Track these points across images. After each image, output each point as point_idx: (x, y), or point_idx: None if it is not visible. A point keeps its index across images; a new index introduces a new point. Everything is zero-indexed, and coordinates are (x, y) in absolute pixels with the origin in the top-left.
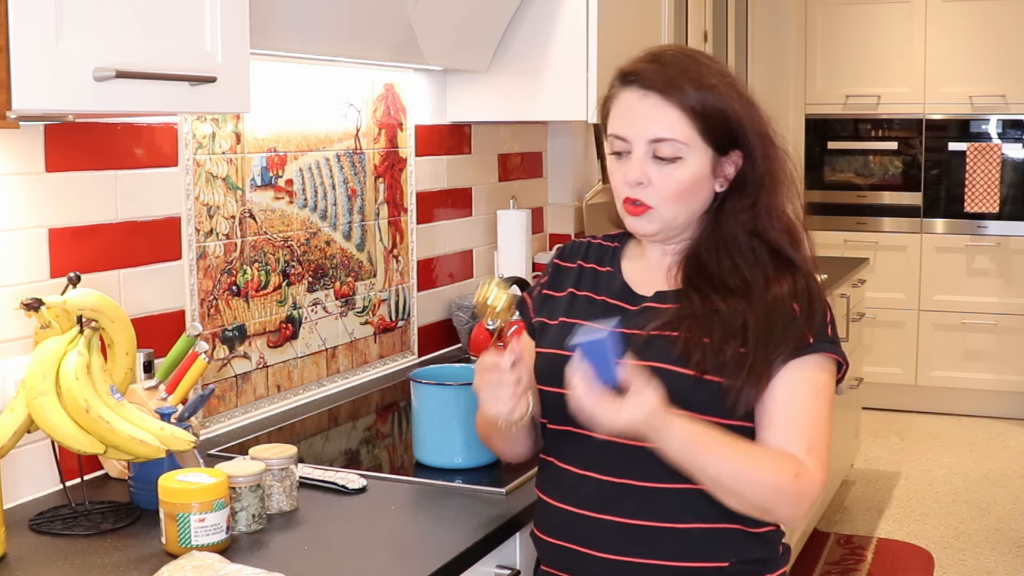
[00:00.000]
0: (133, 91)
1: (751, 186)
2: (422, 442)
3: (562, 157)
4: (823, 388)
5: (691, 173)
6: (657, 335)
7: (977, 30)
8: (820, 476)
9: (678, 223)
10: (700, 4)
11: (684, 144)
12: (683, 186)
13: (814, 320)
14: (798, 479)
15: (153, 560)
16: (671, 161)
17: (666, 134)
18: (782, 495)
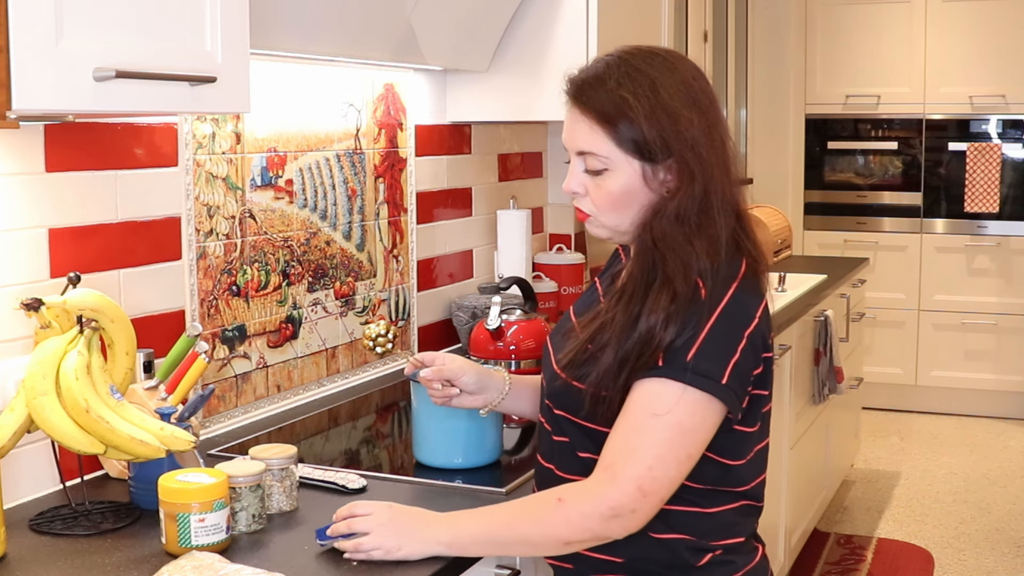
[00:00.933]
0: (133, 91)
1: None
2: (422, 442)
3: (562, 157)
4: (664, 415)
5: (620, 184)
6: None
7: (977, 30)
8: (605, 493)
9: (623, 228)
10: (700, 4)
11: (605, 157)
12: (612, 196)
13: (675, 342)
14: (562, 503)
15: (153, 560)
16: (598, 173)
17: (586, 147)
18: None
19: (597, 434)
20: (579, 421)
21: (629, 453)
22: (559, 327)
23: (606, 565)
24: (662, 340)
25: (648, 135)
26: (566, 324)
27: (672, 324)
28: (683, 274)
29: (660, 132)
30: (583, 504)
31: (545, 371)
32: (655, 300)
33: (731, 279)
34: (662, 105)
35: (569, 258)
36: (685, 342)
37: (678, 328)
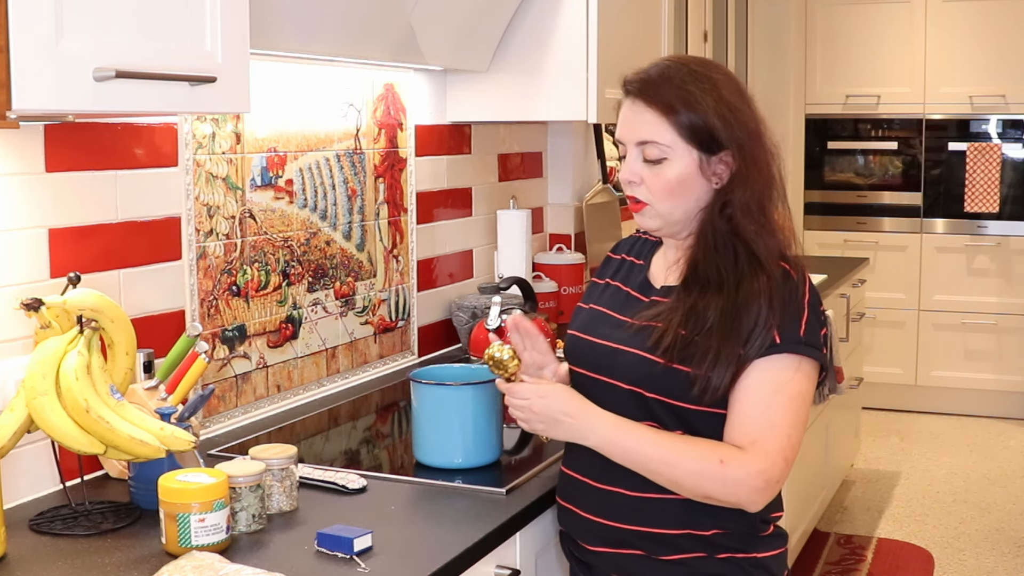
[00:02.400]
0: (133, 91)
1: (737, 185)
2: (422, 442)
3: (562, 157)
4: (785, 386)
5: (677, 172)
6: (644, 325)
7: (977, 30)
8: (760, 465)
9: (675, 218)
10: (700, 4)
11: (666, 146)
12: (670, 184)
13: (785, 320)
14: (723, 466)
15: (153, 560)
16: (657, 162)
17: (648, 137)
18: (709, 481)
19: (691, 414)
20: (677, 403)
21: (769, 427)
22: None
23: (688, 542)
24: (770, 321)
25: (713, 125)
26: (606, 321)
27: (775, 305)
28: (770, 259)
29: (724, 123)
30: (741, 471)
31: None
32: (751, 285)
33: (801, 263)
34: (724, 100)
35: (569, 258)
36: (793, 318)
37: (781, 306)
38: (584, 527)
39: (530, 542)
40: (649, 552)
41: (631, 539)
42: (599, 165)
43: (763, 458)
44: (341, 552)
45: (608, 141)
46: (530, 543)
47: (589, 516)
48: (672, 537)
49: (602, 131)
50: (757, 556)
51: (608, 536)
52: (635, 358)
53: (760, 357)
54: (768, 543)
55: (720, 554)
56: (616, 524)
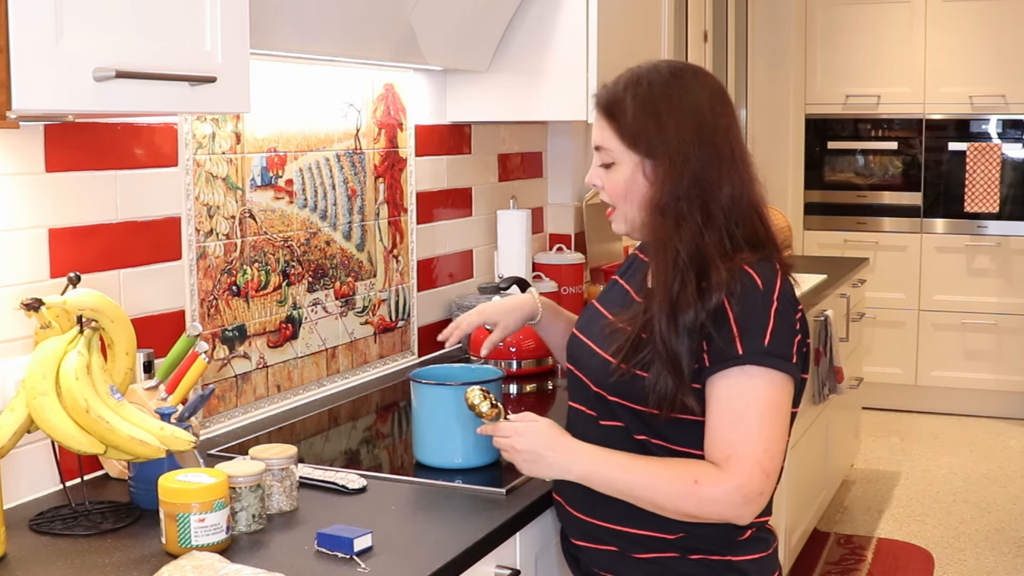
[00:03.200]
0: (133, 91)
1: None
2: (422, 442)
3: (562, 157)
4: (755, 399)
5: (623, 176)
6: (619, 327)
7: (977, 30)
8: (736, 480)
9: (637, 223)
10: (700, 4)
11: (609, 149)
12: (618, 188)
13: (746, 331)
14: (698, 485)
15: (153, 560)
16: (608, 167)
17: (597, 142)
18: (688, 501)
19: (653, 419)
20: (637, 407)
21: (743, 442)
22: (589, 321)
23: (656, 543)
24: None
25: (635, 130)
26: (598, 318)
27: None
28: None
29: (647, 129)
30: (716, 489)
31: (586, 362)
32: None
33: (774, 269)
34: (653, 105)
35: (569, 258)
36: (756, 328)
37: (742, 316)
38: (569, 521)
39: (530, 542)
40: (623, 549)
41: (605, 536)
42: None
43: (738, 473)
44: (341, 552)
45: None
46: (530, 543)
47: (572, 511)
48: (642, 537)
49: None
50: (732, 559)
51: (587, 531)
52: (599, 360)
53: (723, 369)
54: (746, 547)
55: (692, 555)
56: (592, 520)
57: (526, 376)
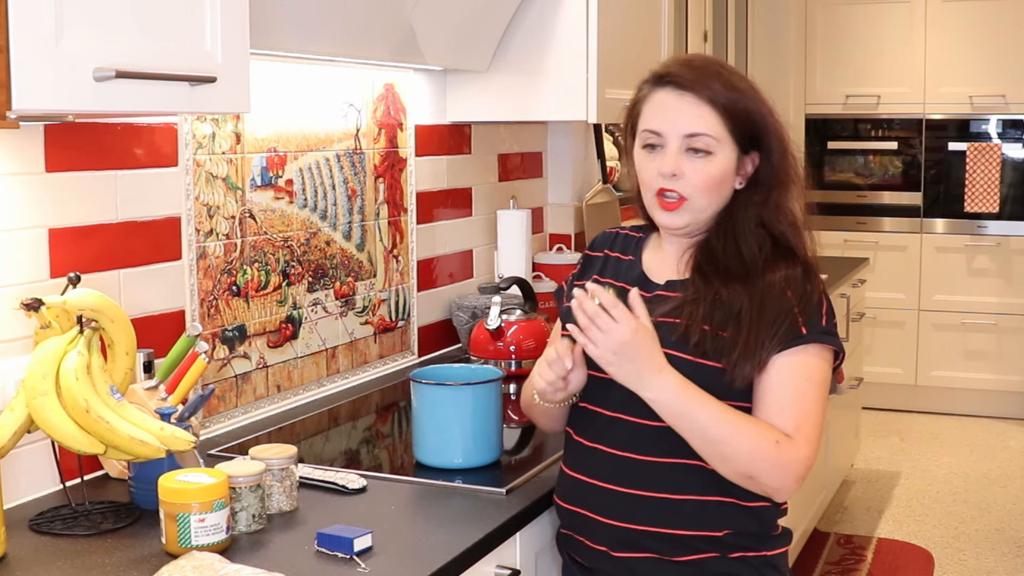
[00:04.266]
0: (133, 91)
1: (764, 183)
2: (422, 442)
3: (562, 157)
4: (814, 375)
5: (720, 167)
6: (663, 321)
7: (977, 30)
8: (805, 452)
9: (705, 216)
10: (700, 4)
11: (715, 139)
12: (714, 179)
13: (808, 311)
14: (779, 447)
15: (153, 560)
16: (703, 155)
17: (700, 129)
18: (762, 460)
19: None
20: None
21: (806, 415)
22: None
23: (701, 542)
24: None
25: (757, 124)
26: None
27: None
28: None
29: (764, 123)
30: (791, 456)
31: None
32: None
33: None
34: (763, 101)
35: (569, 258)
36: (815, 309)
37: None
38: (593, 530)
39: (530, 542)
40: (661, 554)
41: (644, 540)
42: (599, 165)
43: (807, 445)
44: (341, 552)
45: (608, 141)
46: (530, 543)
47: (598, 518)
48: (686, 538)
49: (602, 131)
50: (766, 555)
51: (620, 538)
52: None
53: (788, 348)
54: (777, 542)
55: (732, 553)
56: (628, 525)
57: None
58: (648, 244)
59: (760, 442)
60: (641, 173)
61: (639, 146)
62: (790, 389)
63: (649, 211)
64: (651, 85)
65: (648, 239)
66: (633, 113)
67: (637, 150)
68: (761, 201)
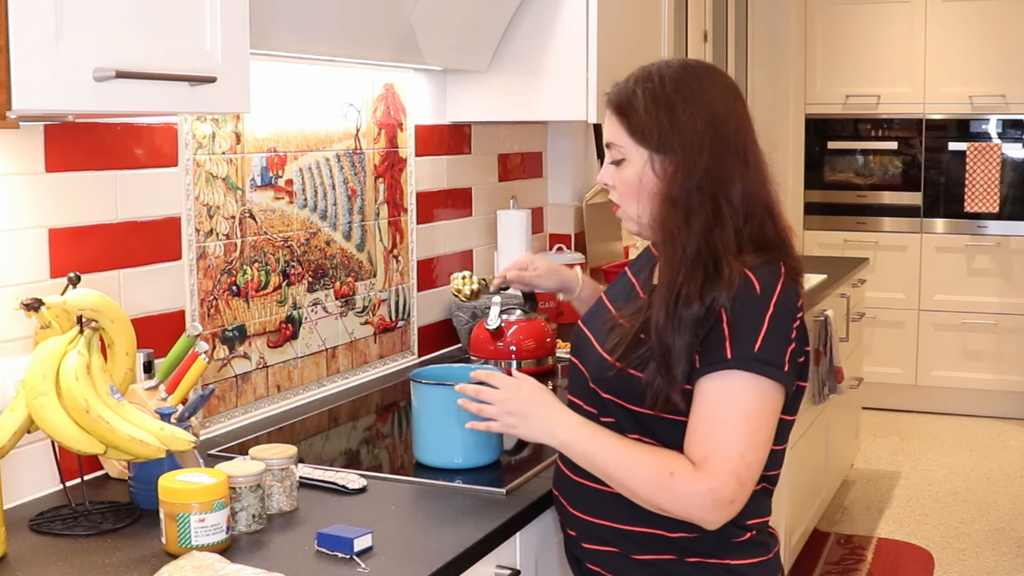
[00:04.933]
0: (133, 91)
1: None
2: (422, 442)
3: (562, 157)
4: (738, 402)
5: (633, 172)
6: (618, 324)
7: (977, 30)
8: (708, 483)
9: (645, 220)
10: (700, 4)
11: (621, 145)
12: (628, 185)
13: (737, 335)
14: (673, 478)
15: (153, 560)
16: (618, 163)
17: (608, 138)
18: (661, 492)
19: (646, 418)
20: (629, 406)
21: (720, 445)
22: (594, 314)
23: (656, 542)
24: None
25: (646, 124)
26: (602, 312)
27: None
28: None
29: (658, 123)
30: (690, 487)
31: (586, 356)
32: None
33: (777, 275)
34: (665, 99)
35: (569, 258)
36: (748, 334)
37: (735, 320)
38: (569, 519)
39: (530, 542)
40: (622, 550)
41: (605, 535)
42: (599, 165)
43: (713, 477)
44: (341, 552)
45: None
46: (530, 543)
47: (571, 509)
48: (641, 536)
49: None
50: (731, 563)
51: (588, 530)
52: (596, 356)
53: (710, 372)
54: (745, 550)
55: (689, 558)
56: (592, 519)
57: None
58: None
59: (655, 474)
60: None
61: None
62: (707, 416)
63: None
64: None
65: None
66: None
67: None
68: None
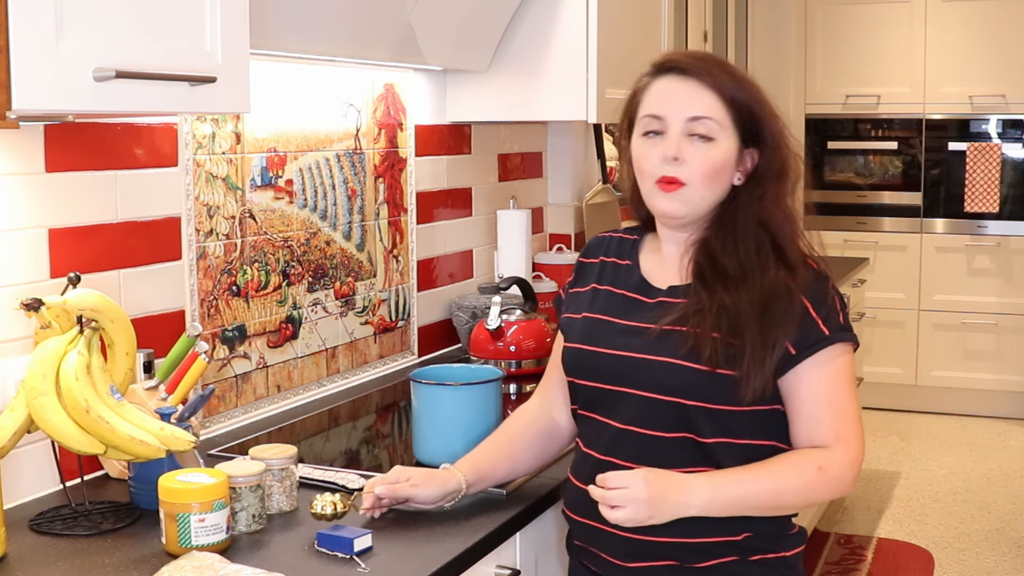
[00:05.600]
0: (133, 91)
1: (764, 180)
2: (422, 442)
3: (562, 157)
4: (842, 374)
5: (722, 154)
6: (669, 330)
7: (977, 30)
8: (852, 455)
9: (704, 205)
10: (700, 4)
11: (718, 124)
12: (715, 165)
13: (826, 313)
14: (822, 471)
15: (153, 560)
16: (706, 140)
17: (704, 112)
18: (814, 491)
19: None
20: (718, 408)
21: (843, 416)
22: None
23: (719, 548)
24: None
25: (758, 114)
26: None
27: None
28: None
29: (769, 122)
30: (839, 469)
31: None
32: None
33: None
34: (765, 98)
35: (569, 258)
36: (832, 309)
37: (820, 300)
38: (607, 541)
39: (530, 542)
40: (682, 562)
41: (663, 550)
42: (599, 165)
43: (852, 448)
44: (341, 552)
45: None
46: (530, 543)
47: (614, 531)
48: (706, 545)
49: (602, 131)
50: (785, 555)
51: (639, 549)
52: (670, 367)
53: (813, 353)
54: (793, 541)
55: (752, 556)
56: (647, 537)
57: (526, 376)
58: (644, 247)
59: (806, 478)
60: (640, 161)
61: (639, 134)
62: (825, 396)
63: (647, 200)
64: (651, 75)
65: (643, 241)
66: (631, 104)
67: (636, 139)
68: (760, 197)
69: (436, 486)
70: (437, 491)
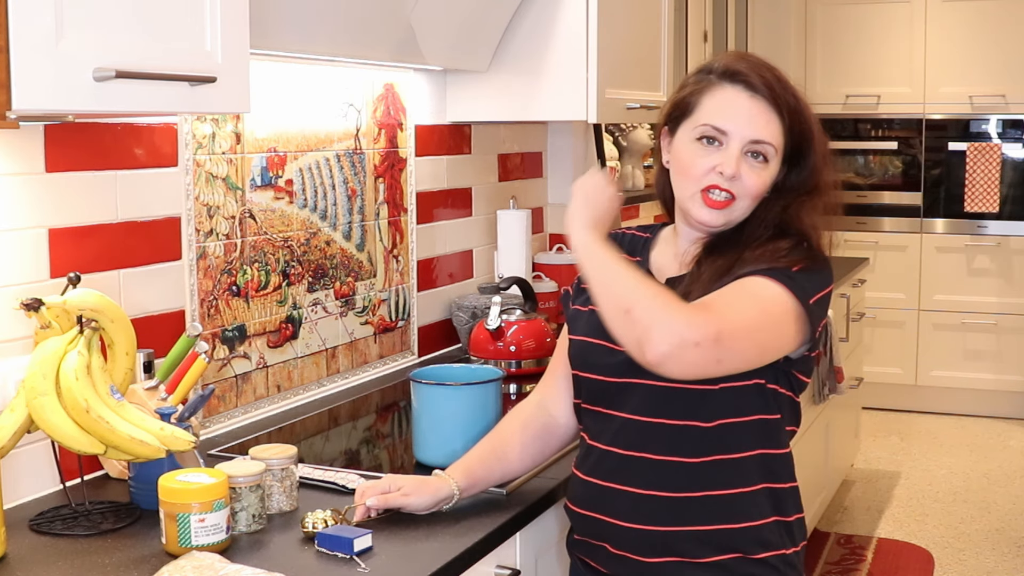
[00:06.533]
0: (133, 91)
1: (790, 193)
2: (422, 442)
3: (562, 157)
4: (752, 286)
5: (772, 176)
6: None
7: (977, 30)
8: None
9: (741, 217)
10: (700, 4)
11: (775, 149)
12: (765, 185)
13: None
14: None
15: (153, 560)
16: (761, 162)
17: (767, 138)
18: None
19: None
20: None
21: (724, 304)
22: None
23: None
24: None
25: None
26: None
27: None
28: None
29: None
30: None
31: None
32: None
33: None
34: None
35: (569, 258)
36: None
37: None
38: (612, 534)
39: (530, 542)
40: (686, 555)
41: (670, 542)
42: (599, 165)
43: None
44: (341, 552)
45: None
46: (530, 543)
47: (618, 522)
48: (712, 534)
49: (602, 131)
50: (786, 553)
51: (643, 541)
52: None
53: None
54: (794, 538)
55: (756, 554)
56: (651, 528)
57: (526, 376)
58: (656, 244)
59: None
60: (689, 165)
61: (692, 137)
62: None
63: (686, 203)
64: (717, 78)
65: (656, 239)
66: (687, 101)
67: (687, 140)
68: (784, 208)
69: (428, 494)
70: (429, 499)
